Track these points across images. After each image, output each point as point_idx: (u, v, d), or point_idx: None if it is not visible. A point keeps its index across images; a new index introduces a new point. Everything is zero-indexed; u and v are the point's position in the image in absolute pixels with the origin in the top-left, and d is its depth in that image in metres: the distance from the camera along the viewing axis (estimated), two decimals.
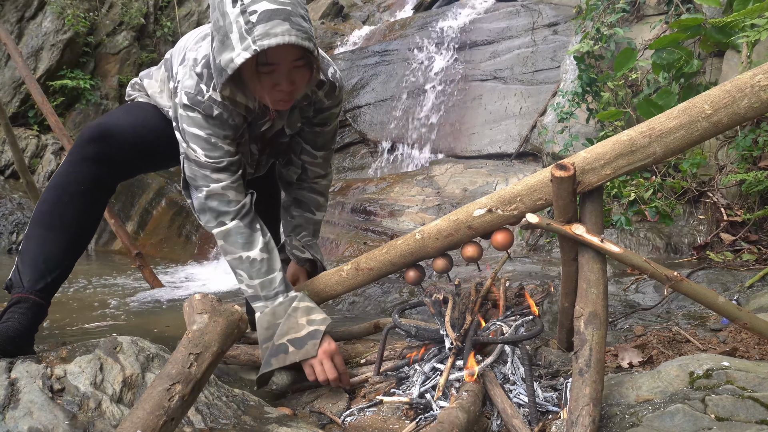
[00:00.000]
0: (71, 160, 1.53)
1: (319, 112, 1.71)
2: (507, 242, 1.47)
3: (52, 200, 1.51)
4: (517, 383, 1.34)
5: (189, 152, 1.52)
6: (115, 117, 1.62)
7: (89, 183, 1.52)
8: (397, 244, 1.57)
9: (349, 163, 5.66)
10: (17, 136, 5.35)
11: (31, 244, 1.49)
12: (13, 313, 1.39)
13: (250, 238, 1.54)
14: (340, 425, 1.35)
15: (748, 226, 2.76)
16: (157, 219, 5.34)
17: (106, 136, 1.53)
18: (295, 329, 1.49)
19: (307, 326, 1.49)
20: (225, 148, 1.52)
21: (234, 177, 1.54)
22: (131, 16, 6.90)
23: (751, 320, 1.27)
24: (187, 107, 1.49)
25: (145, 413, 0.91)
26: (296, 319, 1.50)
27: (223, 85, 1.40)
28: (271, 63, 1.37)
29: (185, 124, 1.50)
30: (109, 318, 2.68)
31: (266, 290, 1.52)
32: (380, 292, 2.75)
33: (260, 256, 1.53)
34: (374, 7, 8.62)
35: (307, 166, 1.81)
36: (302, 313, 1.51)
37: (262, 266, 1.53)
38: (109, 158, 1.54)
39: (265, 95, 1.44)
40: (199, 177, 1.53)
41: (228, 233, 1.54)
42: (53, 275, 1.48)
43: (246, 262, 1.53)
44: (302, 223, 1.84)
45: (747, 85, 1.20)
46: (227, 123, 1.51)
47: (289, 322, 1.50)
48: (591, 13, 3.94)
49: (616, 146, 1.29)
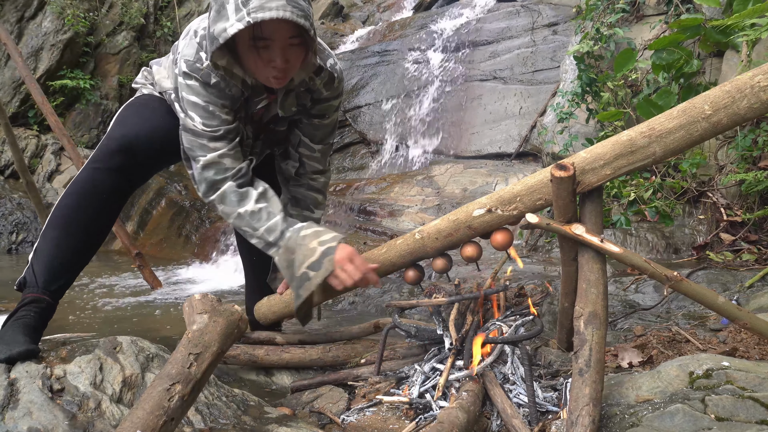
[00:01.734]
0: (95, 168, 1.56)
1: (317, 103, 1.71)
2: (506, 242, 1.47)
3: (72, 205, 1.54)
4: (517, 383, 1.34)
5: (187, 121, 1.54)
6: (134, 127, 1.63)
7: (110, 192, 1.56)
8: (397, 244, 1.57)
9: (349, 163, 5.66)
10: (17, 136, 5.35)
11: (48, 245, 1.52)
12: (29, 311, 1.42)
13: (244, 195, 1.56)
14: (340, 425, 1.35)
15: (748, 226, 2.76)
16: (156, 219, 5.33)
17: (130, 149, 1.56)
18: (309, 255, 1.50)
19: (319, 247, 1.50)
20: (222, 116, 1.54)
21: (231, 144, 1.56)
22: (131, 16, 6.90)
23: (751, 320, 1.27)
24: (186, 75, 1.51)
25: (145, 413, 0.91)
26: (307, 245, 1.51)
27: (215, 54, 1.41)
28: (265, 38, 1.38)
29: (184, 92, 1.52)
30: (108, 318, 2.68)
31: (273, 234, 1.54)
32: (380, 292, 2.75)
33: (257, 207, 1.55)
34: (374, 7, 8.62)
35: (305, 160, 1.81)
36: (311, 238, 1.51)
37: (261, 215, 1.55)
38: (133, 169, 1.58)
39: (259, 71, 1.45)
40: (197, 147, 1.54)
41: (223, 195, 1.56)
42: (66, 278, 1.52)
43: (246, 216, 1.55)
44: (301, 221, 1.84)
45: (747, 85, 1.20)
46: (225, 92, 1.53)
47: (303, 251, 1.51)
48: (591, 13, 3.93)
49: (615, 146, 1.29)
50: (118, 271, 4.12)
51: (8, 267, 4.71)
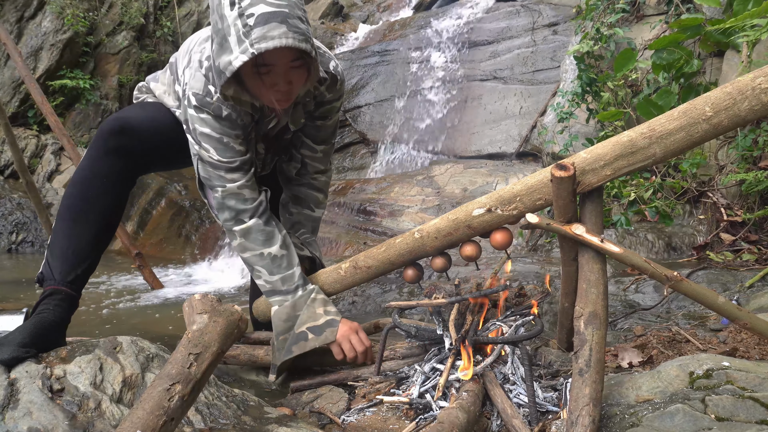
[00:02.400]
0: (92, 154, 1.57)
1: (321, 105, 1.72)
2: (506, 241, 1.47)
3: (77, 194, 1.55)
4: (517, 383, 1.34)
5: (202, 153, 1.55)
6: (133, 111, 1.65)
7: (112, 176, 1.56)
8: (396, 243, 1.57)
9: (349, 163, 5.66)
10: (17, 136, 5.35)
11: (59, 237, 1.53)
12: (48, 305, 1.43)
13: (270, 235, 1.59)
14: (340, 425, 1.35)
15: (748, 226, 2.76)
16: (156, 219, 5.33)
17: (127, 129, 1.56)
18: (313, 318, 1.57)
19: (324, 315, 1.58)
20: (236, 147, 1.55)
21: (248, 176, 1.58)
22: (131, 16, 6.90)
23: (751, 320, 1.27)
24: (197, 108, 1.51)
25: (144, 413, 0.91)
26: (314, 309, 1.58)
27: (223, 87, 1.43)
28: (268, 64, 1.39)
29: (197, 124, 1.53)
30: (108, 318, 2.68)
31: (287, 284, 1.59)
32: (380, 292, 2.75)
33: (280, 252, 1.59)
34: (374, 7, 8.62)
35: (307, 161, 1.81)
36: (320, 304, 1.59)
37: (282, 262, 1.59)
38: (129, 150, 1.57)
39: (263, 95, 1.46)
40: (214, 177, 1.56)
41: (248, 231, 1.58)
42: (83, 267, 1.52)
43: (267, 259, 1.59)
44: (301, 220, 1.85)
45: (748, 87, 1.20)
46: (236, 122, 1.54)
47: (308, 312, 1.58)
48: (591, 13, 3.93)
49: (616, 147, 1.29)
50: (118, 271, 4.12)
51: (9, 267, 4.71)
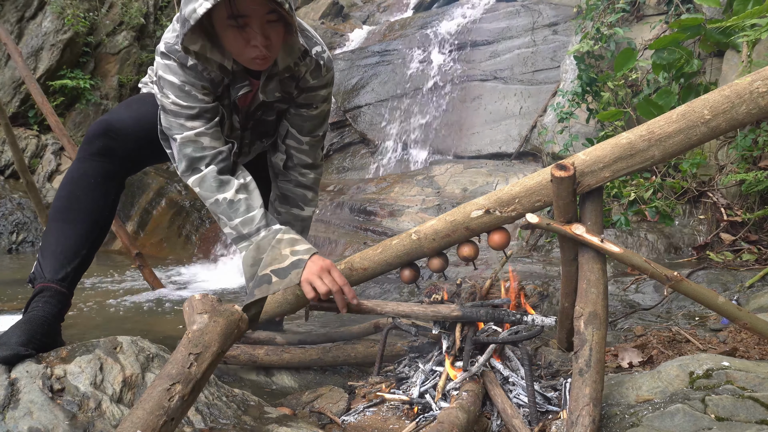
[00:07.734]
0: (79, 157, 1.58)
1: (304, 91, 1.69)
2: (504, 242, 1.47)
3: (65, 195, 1.56)
4: (517, 383, 1.34)
5: (163, 101, 1.55)
6: (117, 113, 1.66)
7: (98, 176, 1.57)
8: (393, 245, 1.56)
9: (349, 163, 5.66)
10: (17, 136, 5.35)
11: (49, 237, 1.54)
12: (38, 302, 1.43)
13: (224, 182, 1.54)
14: (340, 425, 1.35)
15: (748, 226, 2.76)
16: (157, 219, 5.33)
17: (109, 131, 1.57)
18: (278, 260, 1.44)
19: (290, 256, 1.44)
20: (199, 96, 1.54)
21: (209, 124, 1.56)
22: (131, 16, 6.90)
23: (751, 320, 1.27)
24: (164, 55, 1.53)
25: (145, 413, 0.91)
26: (280, 250, 1.45)
27: (187, 37, 1.40)
28: (242, 15, 1.37)
29: (161, 71, 1.54)
30: (108, 318, 2.68)
31: (248, 227, 1.50)
32: (380, 292, 2.75)
33: (236, 197, 1.52)
34: (374, 7, 8.62)
35: (293, 152, 1.78)
36: (286, 245, 1.46)
37: (239, 206, 1.52)
38: (113, 151, 1.58)
39: (240, 52, 1.45)
40: (174, 126, 1.55)
41: (203, 179, 1.55)
42: (73, 265, 1.51)
43: (223, 204, 1.52)
44: (289, 219, 1.82)
45: (746, 91, 1.21)
46: (202, 74, 1.53)
47: (273, 254, 1.45)
48: (591, 13, 3.94)
49: (615, 149, 1.29)
50: (118, 271, 4.12)
51: (8, 267, 4.71)
